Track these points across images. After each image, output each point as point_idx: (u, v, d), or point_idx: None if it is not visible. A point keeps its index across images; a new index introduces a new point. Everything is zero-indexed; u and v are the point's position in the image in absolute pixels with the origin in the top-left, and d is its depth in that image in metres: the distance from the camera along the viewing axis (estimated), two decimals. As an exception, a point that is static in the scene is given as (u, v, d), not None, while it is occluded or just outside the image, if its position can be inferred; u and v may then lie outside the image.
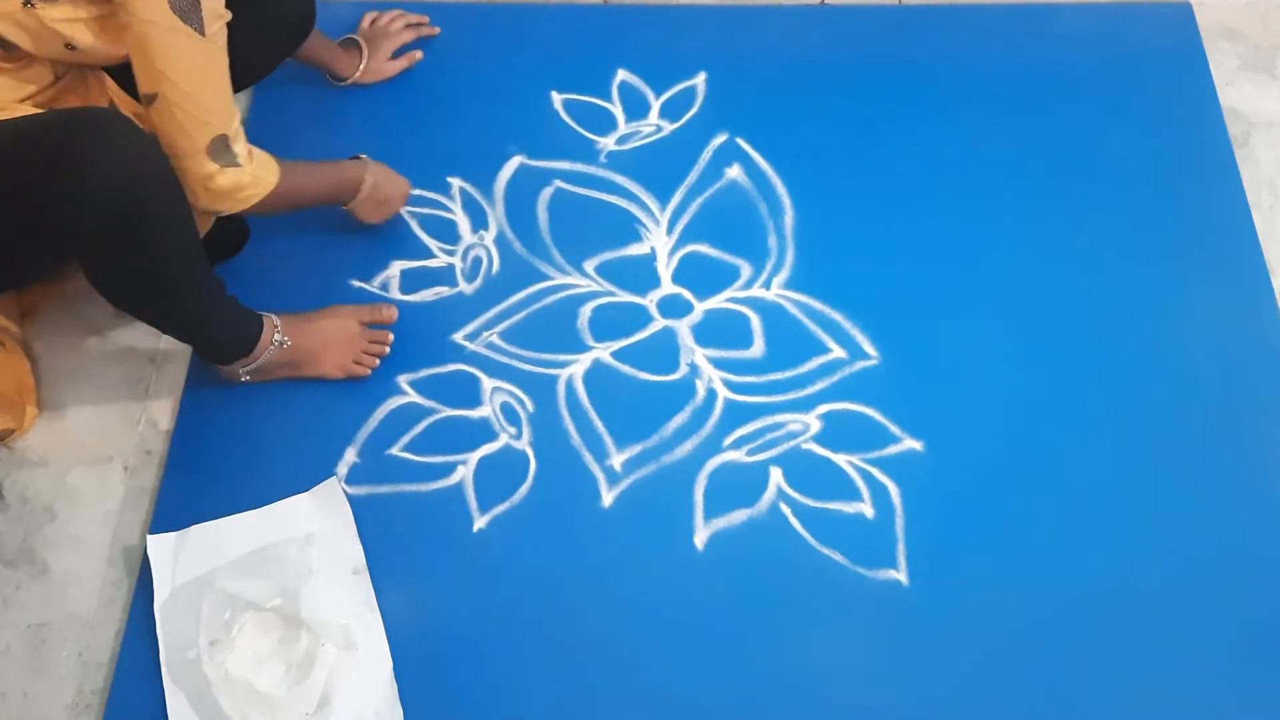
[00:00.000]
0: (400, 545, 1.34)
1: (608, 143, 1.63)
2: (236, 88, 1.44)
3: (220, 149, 1.21)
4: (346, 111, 1.64)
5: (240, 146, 1.24)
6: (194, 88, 1.17)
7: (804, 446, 1.40)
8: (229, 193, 1.25)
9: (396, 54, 1.68)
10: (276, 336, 1.38)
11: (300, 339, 1.40)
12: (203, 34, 1.14)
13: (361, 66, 1.65)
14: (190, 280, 1.25)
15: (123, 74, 1.25)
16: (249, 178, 1.25)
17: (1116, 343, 1.46)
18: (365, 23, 1.70)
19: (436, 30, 1.72)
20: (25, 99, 1.20)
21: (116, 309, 1.29)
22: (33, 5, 1.12)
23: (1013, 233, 1.55)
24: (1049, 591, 1.30)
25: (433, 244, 1.55)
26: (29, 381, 1.42)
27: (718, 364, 1.46)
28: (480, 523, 1.36)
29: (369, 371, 1.44)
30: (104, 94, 1.31)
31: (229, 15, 1.18)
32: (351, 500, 1.37)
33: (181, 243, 1.21)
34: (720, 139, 1.63)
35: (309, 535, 1.32)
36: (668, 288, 1.52)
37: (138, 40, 1.14)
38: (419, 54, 1.69)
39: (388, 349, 1.45)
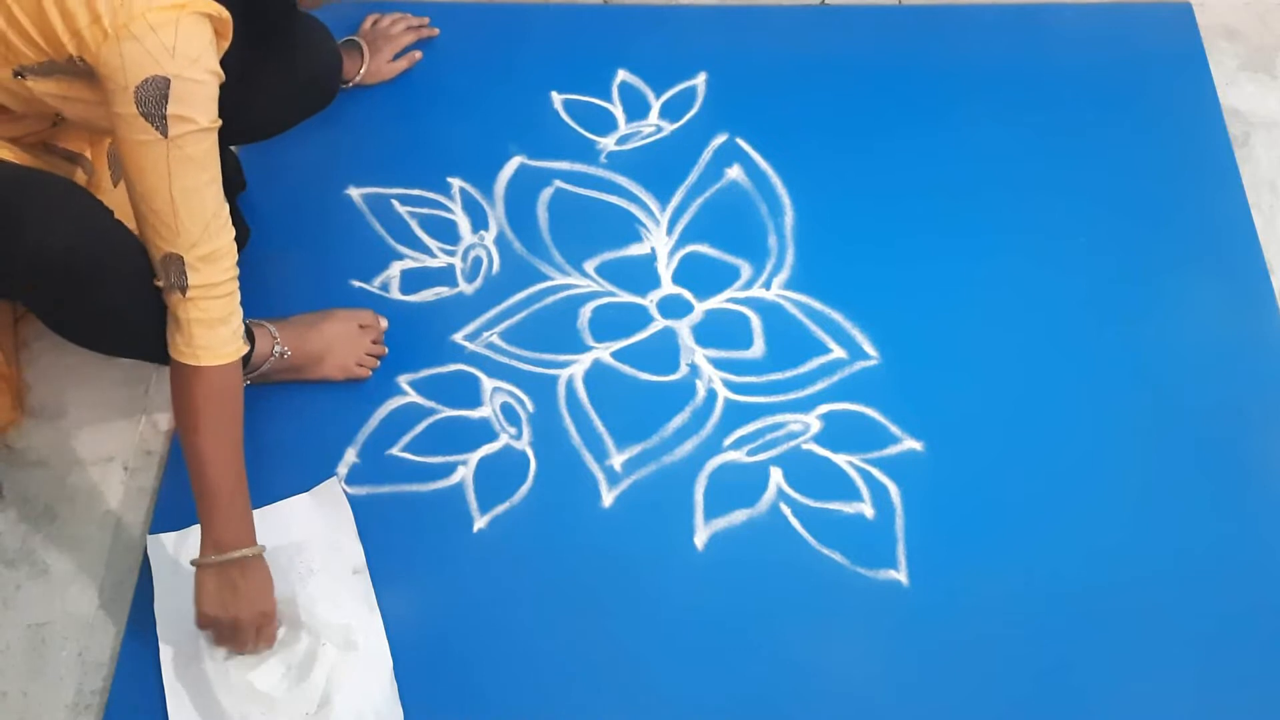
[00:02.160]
0: (400, 545, 1.34)
1: (608, 143, 1.63)
2: (255, 139, 1.42)
3: (174, 272, 1.10)
4: (346, 112, 1.64)
5: (198, 281, 1.10)
6: (153, 193, 1.07)
7: (804, 447, 1.40)
8: (176, 323, 1.12)
9: (396, 56, 1.68)
10: (276, 348, 1.37)
11: (300, 346, 1.39)
12: (165, 136, 1.04)
13: (363, 69, 1.65)
14: (159, 331, 1.17)
15: None
16: (188, 320, 1.11)
17: (1116, 343, 1.46)
18: (366, 25, 1.70)
19: (436, 32, 1.72)
20: (19, 137, 1.19)
21: None
22: (23, 77, 1.09)
23: (1012, 232, 1.55)
24: (1049, 591, 1.30)
25: (433, 244, 1.55)
26: (7, 370, 1.41)
27: (718, 364, 1.46)
28: (480, 523, 1.36)
29: (369, 373, 1.44)
30: (103, 135, 1.29)
31: (216, 124, 1.08)
32: (351, 500, 1.37)
33: (134, 298, 1.15)
34: (720, 139, 1.63)
35: (309, 535, 1.32)
36: (668, 288, 1.52)
37: (113, 132, 1.07)
38: (419, 54, 1.69)
39: (386, 349, 1.45)
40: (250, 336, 1.35)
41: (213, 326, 1.13)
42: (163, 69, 1.02)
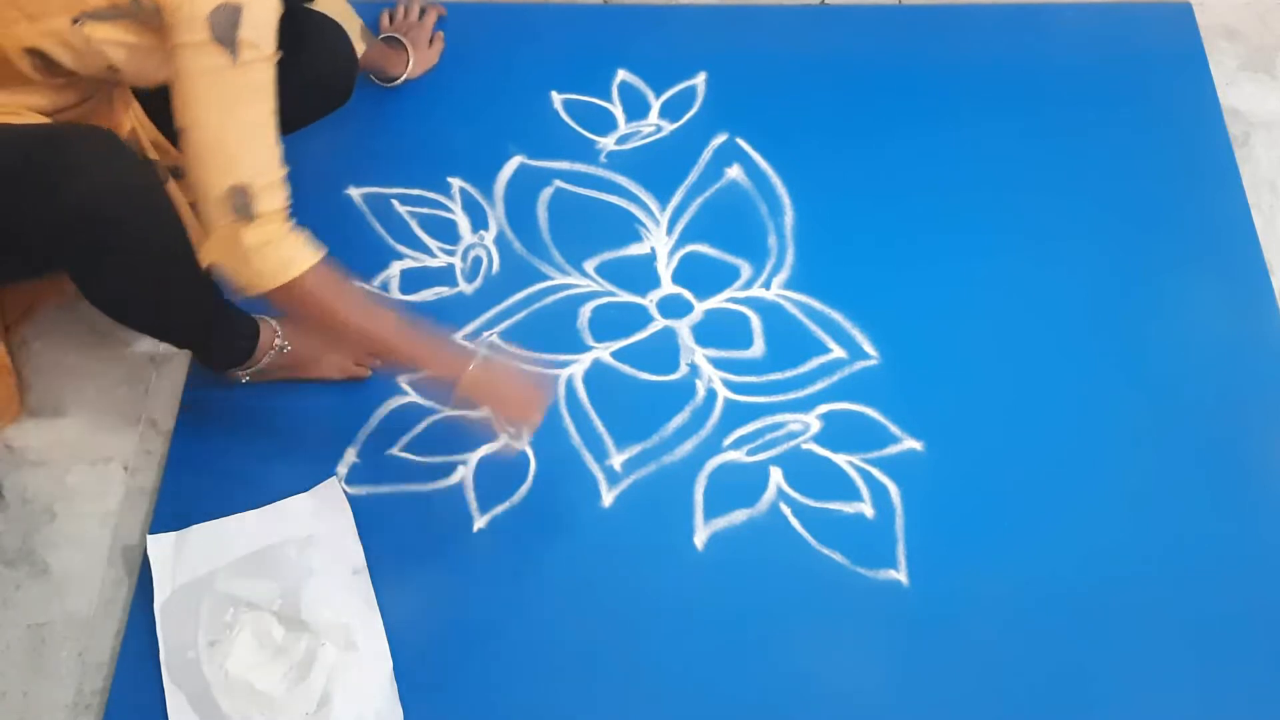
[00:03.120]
0: (400, 545, 1.34)
1: (608, 143, 1.63)
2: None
3: (239, 202, 1.08)
4: (346, 112, 1.63)
5: (266, 207, 1.09)
6: (217, 125, 1.08)
7: (804, 446, 1.40)
8: (244, 256, 1.10)
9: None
10: (277, 342, 1.38)
11: (301, 342, 1.40)
12: (234, 59, 1.05)
13: (410, 62, 1.65)
14: (182, 296, 1.22)
15: (154, 103, 1.24)
16: (262, 241, 1.10)
17: (1116, 343, 1.46)
18: (387, 20, 1.70)
19: (444, 10, 1.72)
20: (48, 112, 1.19)
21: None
22: (82, 24, 1.10)
23: (1012, 232, 1.55)
24: (1049, 591, 1.30)
25: (433, 244, 1.55)
26: (5, 362, 1.41)
27: (718, 364, 1.46)
28: (480, 523, 1.36)
29: (369, 373, 1.44)
30: (128, 119, 1.29)
31: (275, 55, 1.09)
32: (351, 500, 1.37)
33: (167, 262, 1.17)
34: (720, 139, 1.63)
35: (309, 535, 1.32)
36: (668, 288, 1.52)
37: (175, 70, 1.07)
38: (441, 34, 1.70)
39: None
40: (254, 329, 1.35)
41: (288, 237, 1.12)
42: None
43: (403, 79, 1.65)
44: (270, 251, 1.10)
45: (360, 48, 1.51)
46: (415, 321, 1.21)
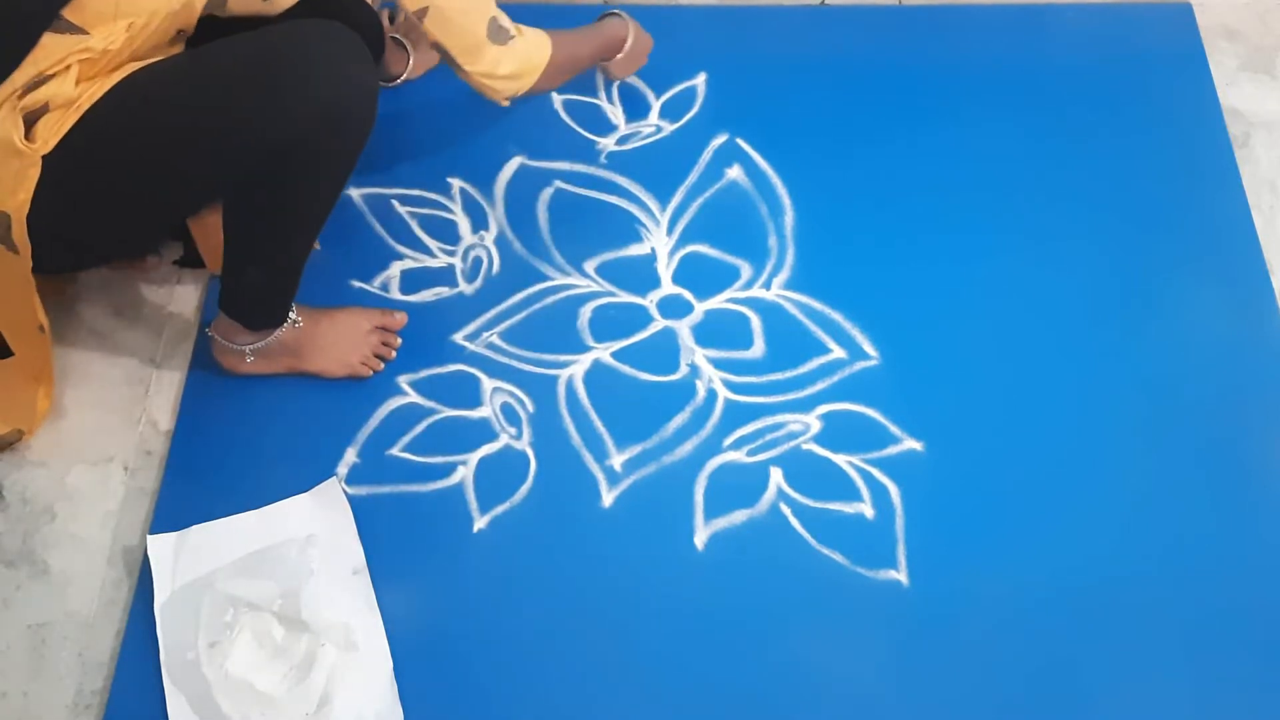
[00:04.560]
0: (400, 545, 1.34)
1: (608, 143, 1.63)
2: None
3: (496, 30, 1.30)
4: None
5: (506, 21, 1.32)
6: None
7: (804, 447, 1.40)
8: (519, 69, 1.34)
9: None
10: (290, 314, 1.38)
11: (311, 324, 1.40)
12: None
13: (411, 61, 1.65)
14: (322, 216, 1.28)
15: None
16: (529, 46, 1.34)
17: (1116, 343, 1.46)
18: (387, 21, 1.69)
19: None
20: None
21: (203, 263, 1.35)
22: None
23: (1012, 233, 1.55)
24: (1049, 591, 1.30)
25: (433, 244, 1.55)
26: (48, 382, 1.41)
27: (718, 364, 1.46)
28: (480, 523, 1.36)
29: (370, 373, 1.44)
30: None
31: None
32: (351, 500, 1.37)
33: (346, 175, 1.26)
34: (720, 139, 1.63)
35: (309, 535, 1.32)
36: (668, 288, 1.52)
37: None
38: None
39: (394, 353, 1.45)
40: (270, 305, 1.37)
41: (525, 30, 1.35)
42: None
43: (403, 79, 1.65)
44: (532, 49, 1.35)
45: None
46: (591, 28, 1.49)
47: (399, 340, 1.45)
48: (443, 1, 1.26)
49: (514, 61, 1.34)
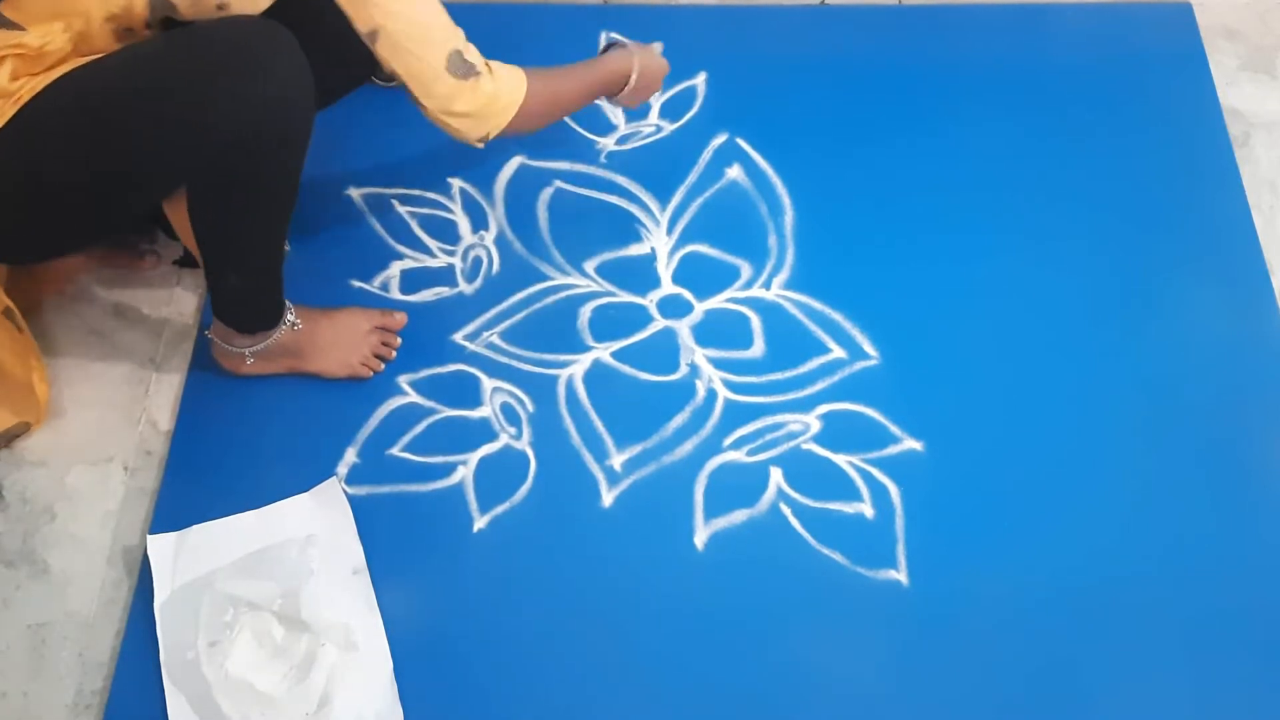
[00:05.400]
0: (400, 545, 1.34)
1: (608, 143, 1.63)
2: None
3: (458, 64, 1.22)
4: (346, 112, 1.64)
5: (475, 57, 1.24)
6: (406, 11, 1.18)
7: (804, 446, 1.40)
8: (484, 108, 1.26)
9: None
10: (289, 317, 1.38)
11: (310, 325, 1.40)
12: None
13: None
14: (283, 211, 1.26)
15: None
16: (498, 85, 1.26)
17: (1116, 343, 1.46)
18: None
19: None
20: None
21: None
22: None
23: (1012, 232, 1.55)
24: (1049, 591, 1.30)
25: (433, 244, 1.55)
26: (38, 364, 1.41)
27: (718, 364, 1.46)
28: (480, 523, 1.36)
29: (370, 374, 1.44)
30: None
31: None
32: (351, 500, 1.37)
33: (296, 171, 1.23)
34: (720, 139, 1.63)
35: (309, 535, 1.32)
36: (668, 288, 1.52)
37: None
38: None
39: (394, 353, 1.45)
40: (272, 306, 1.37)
41: (498, 71, 1.27)
42: None
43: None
44: (502, 89, 1.27)
45: None
46: (583, 69, 1.39)
47: (399, 340, 1.46)
48: (395, 26, 1.18)
49: (474, 100, 1.25)
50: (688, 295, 1.51)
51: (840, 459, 1.39)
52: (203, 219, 1.24)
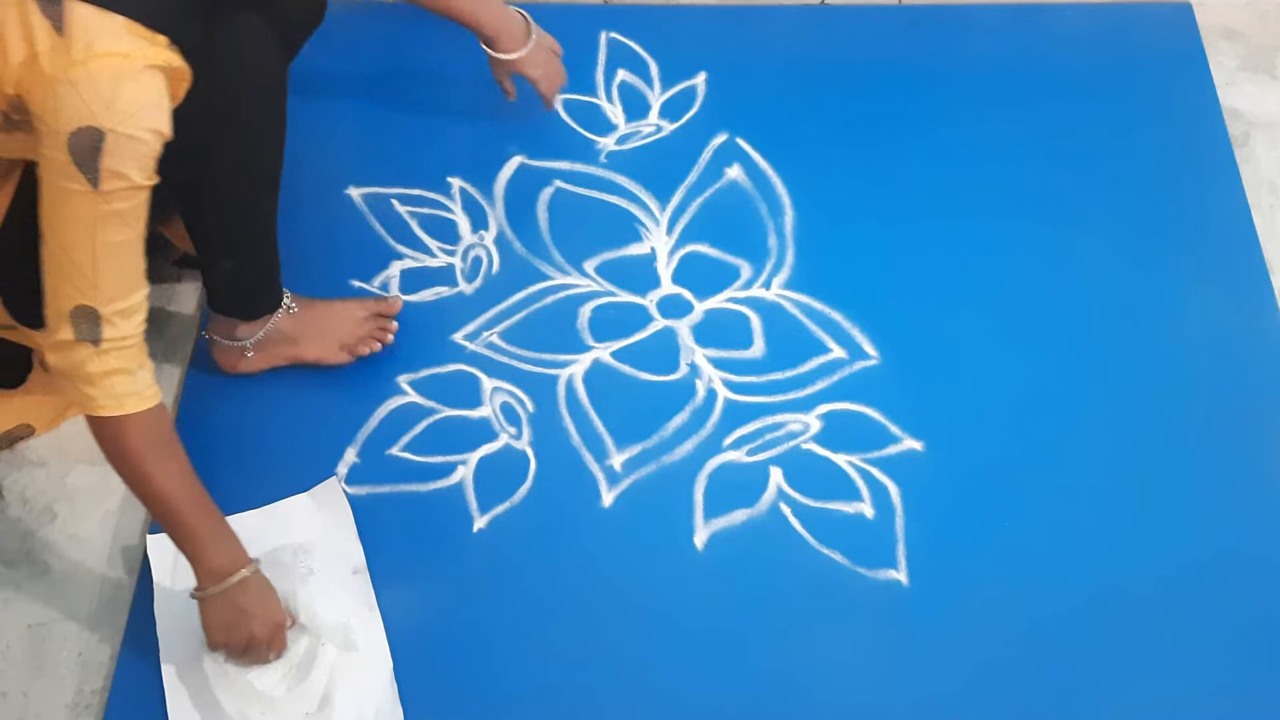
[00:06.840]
0: (400, 545, 1.34)
1: (608, 143, 1.63)
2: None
3: (86, 324, 1.04)
4: (346, 112, 1.64)
5: (113, 334, 1.05)
6: (72, 243, 1.01)
7: (804, 446, 1.40)
8: (71, 372, 1.06)
9: None
10: (285, 301, 1.39)
11: (307, 310, 1.40)
12: (95, 187, 0.99)
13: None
14: (268, 189, 1.27)
15: None
16: (105, 370, 1.06)
17: (1116, 343, 1.46)
18: None
19: None
20: None
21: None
22: None
23: (1013, 233, 1.55)
24: (1049, 591, 1.30)
25: (433, 244, 1.55)
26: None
27: (718, 364, 1.46)
28: (480, 523, 1.36)
29: (369, 352, 1.43)
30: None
31: (151, 181, 1.03)
32: (351, 500, 1.37)
33: (277, 136, 1.24)
34: (720, 139, 1.63)
35: (309, 535, 1.32)
36: (668, 288, 1.52)
37: (39, 174, 1.01)
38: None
39: (391, 336, 1.44)
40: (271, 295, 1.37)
41: (132, 373, 1.08)
42: (98, 122, 0.96)
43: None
44: (113, 382, 1.07)
45: None
46: (209, 512, 1.16)
47: (395, 325, 1.45)
48: (51, 246, 1.02)
49: (77, 359, 1.05)
50: (688, 295, 1.51)
51: (840, 459, 1.39)
52: (192, 214, 1.24)
